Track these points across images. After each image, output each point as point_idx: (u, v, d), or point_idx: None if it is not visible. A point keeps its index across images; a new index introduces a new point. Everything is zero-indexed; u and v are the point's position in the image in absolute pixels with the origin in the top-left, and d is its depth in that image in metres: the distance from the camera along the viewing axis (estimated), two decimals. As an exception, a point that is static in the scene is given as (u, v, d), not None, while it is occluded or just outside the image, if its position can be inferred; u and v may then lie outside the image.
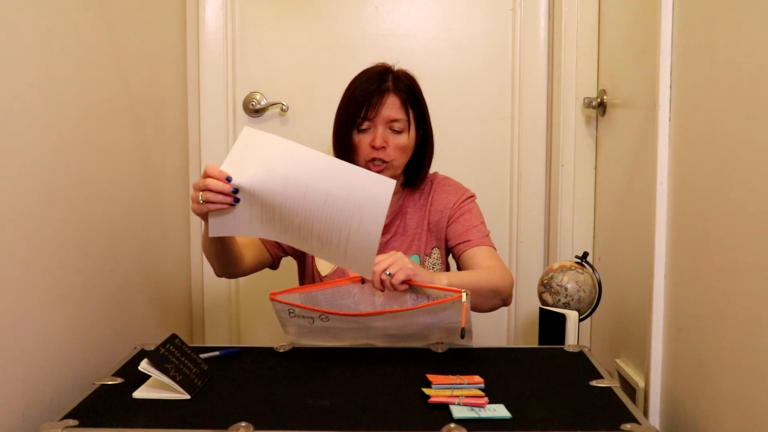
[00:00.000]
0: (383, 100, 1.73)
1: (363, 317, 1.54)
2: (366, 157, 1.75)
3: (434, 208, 1.84)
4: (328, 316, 1.55)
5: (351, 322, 1.55)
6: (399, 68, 1.80)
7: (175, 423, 1.21)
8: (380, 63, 1.81)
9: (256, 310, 2.46)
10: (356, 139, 1.75)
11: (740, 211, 1.25)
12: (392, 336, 1.60)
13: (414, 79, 1.80)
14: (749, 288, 1.22)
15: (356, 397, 1.33)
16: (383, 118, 1.73)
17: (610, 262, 2.13)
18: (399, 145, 1.74)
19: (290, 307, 1.55)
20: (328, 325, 1.57)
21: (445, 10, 2.40)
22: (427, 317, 1.53)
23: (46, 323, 1.45)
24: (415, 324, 1.55)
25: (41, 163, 1.43)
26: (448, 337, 1.59)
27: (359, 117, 1.74)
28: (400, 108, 1.74)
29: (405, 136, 1.75)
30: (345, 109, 1.77)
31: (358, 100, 1.74)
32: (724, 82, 1.33)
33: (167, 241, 2.20)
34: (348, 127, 1.75)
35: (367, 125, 1.74)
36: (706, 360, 1.39)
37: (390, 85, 1.75)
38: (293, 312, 1.56)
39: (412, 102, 1.77)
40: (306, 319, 1.56)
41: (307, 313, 1.55)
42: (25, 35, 1.37)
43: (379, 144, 1.72)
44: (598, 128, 2.28)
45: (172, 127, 2.25)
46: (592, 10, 2.26)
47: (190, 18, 2.34)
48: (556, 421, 1.22)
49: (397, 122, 1.74)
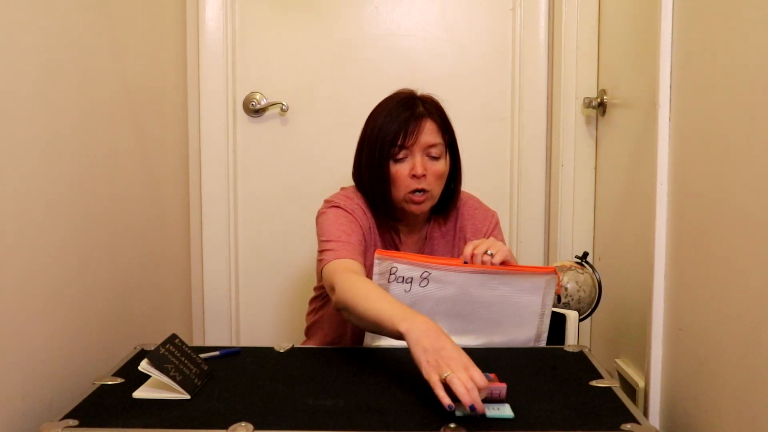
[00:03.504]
0: (420, 126, 1.64)
1: (463, 275, 1.53)
2: (406, 189, 1.66)
3: (462, 235, 1.79)
4: (429, 273, 1.52)
5: (450, 283, 1.54)
6: (422, 93, 1.72)
7: (175, 423, 1.21)
8: (403, 89, 1.73)
9: (256, 310, 2.47)
10: (393, 170, 1.66)
11: (740, 211, 1.25)
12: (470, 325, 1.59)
13: (440, 102, 1.73)
14: (749, 288, 1.22)
15: (356, 397, 1.33)
16: (421, 144, 1.64)
17: (610, 262, 2.13)
18: (437, 172, 1.67)
19: (395, 264, 1.53)
20: (424, 291, 1.54)
21: (445, 10, 2.40)
22: (514, 295, 1.56)
23: (47, 323, 1.45)
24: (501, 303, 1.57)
25: (41, 164, 1.43)
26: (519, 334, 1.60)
27: (395, 146, 1.64)
28: (436, 133, 1.67)
29: (442, 162, 1.68)
30: (376, 139, 1.66)
31: (393, 129, 1.64)
32: (724, 82, 1.33)
33: (167, 242, 2.20)
34: (383, 158, 1.65)
35: (404, 154, 1.65)
36: (706, 360, 1.39)
37: (423, 110, 1.66)
38: (395, 271, 1.53)
39: (446, 126, 1.70)
40: (404, 285, 1.54)
41: (409, 272, 1.53)
42: (25, 35, 1.37)
43: (420, 172, 1.63)
44: (598, 128, 2.28)
45: (172, 127, 2.25)
46: (592, 10, 2.26)
47: (190, 18, 2.34)
48: (556, 421, 1.22)
49: (435, 147, 1.66)
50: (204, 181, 2.40)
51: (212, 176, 2.40)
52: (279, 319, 2.45)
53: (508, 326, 1.60)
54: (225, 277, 2.43)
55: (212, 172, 2.40)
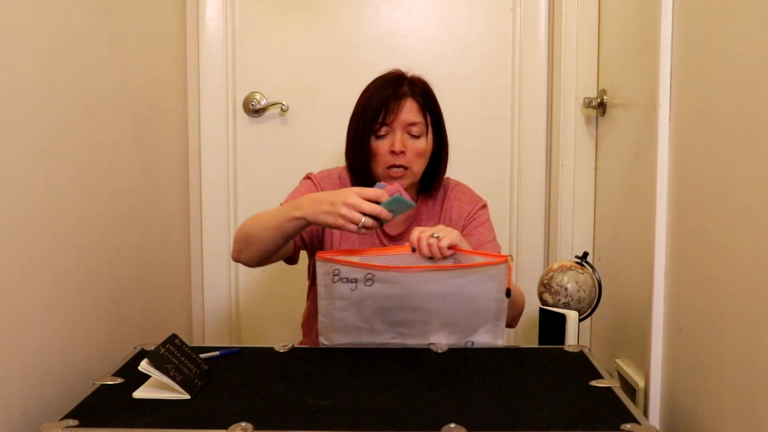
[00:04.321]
0: (401, 105, 1.71)
1: (407, 274, 1.52)
2: (385, 164, 1.72)
3: (448, 216, 1.82)
4: (373, 275, 1.52)
5: (395, 282, 1.53)
6: (413, 74, 1.78)
7: (175, 423, 1.21)
8: (394, 69, 1.78)
9: (256, 310, 2.47)
10: (374, 145, 1.72)
11: (740, 210, 1.25)
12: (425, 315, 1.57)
13: (429, 84, 1.78)
14: (749, 288, 1.22)
15: (356, 397, 1.33)
16: (401, 122, 1.71)
17: (610, 262, 2.13)
18: (418, 150, 1.72)
19: (336, 266, 1.52)
20: (371, 291, 1.54)
21: (445, 10, 2.40)
22: (467, 285, 1.53)
23: (46, 323, 1.45)
24: (454, 295, 1.54)
25: (41, 164, 1.43)
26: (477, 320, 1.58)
27: (377, 122, 1.71)
28: (417, 112, 1.72)
29: (423, 140, 1.73)
30: (361, 115, 1.74)
31: (375, 106, 1.71)
32: (724, 82, 1.33)
33: (167, 242, 2.20)
34: (365, 133, 1.72)
35: (385, 131, 1.72)
36: (706, 360, 1.39)
37: (407, 90, 1.73)
38: (338, 273, 1.53)
39: (429, 106, 1.75)
40: (349, 284, 1.53)
41: (352, 273, 1.52)
42: (25, 35, 1.37)
43: (398, 148, 1.70)
44: (598, 128, 2.28)
45: (172, 127, 2.25)
46: (592, 10, 2.26)
47: (190, 18, 2.34)
48: (556, 421, 1.22)
49: (416, 126, 1.71)
50: (204, 181, 2.40)
51: (212, 176, 2.40)
52: (279, 319, 2.45)
53: (464, 314, 1.58)
54: (225, 277, 2.43)
55: (212, 172, 2.40)
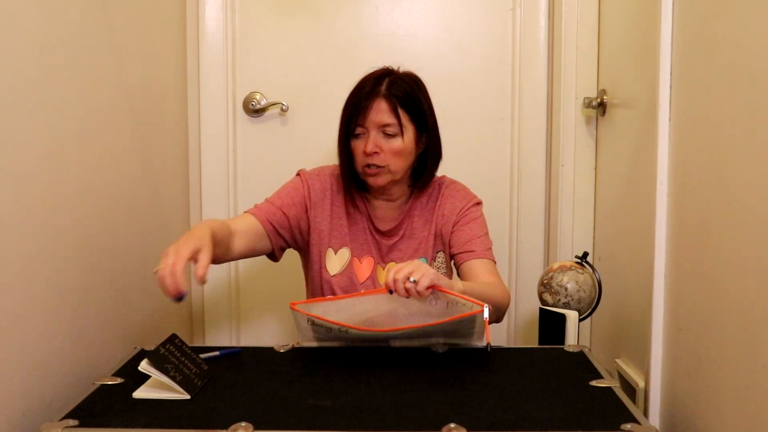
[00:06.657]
0: (371, 105, 1.72)
1: (384, 333, 1.54)
2: (361, 163, 1.75)
3: (440, 213, 1.83)
4: (347, 331, 1.54)
5: (371, 336, 1.55)
6: (403, 70, 1.78)
7: (175, 423, 1.21)
8: (383, 66, 1.79)
9: (256, 310, 2.47)
10: (352, 145, 1.76)
11: (740, 211, 1.25)
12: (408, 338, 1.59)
13: (415, 81, 1.78)
14: (749, 288, 1.22)
15: (356, 397, 1.33)
16: (373, 122, 1.72)
17: (610, 262, 2.13)
18: (393, 149, 1.73)
19: (310, 317, 1.54)
20: (348, 335, 1.56)
21: (445, 11, 2.40)
22: (446, 326, 1.52)
23: (46, 323, 1.45)
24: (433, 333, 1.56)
25: (41, 164, 1.43)
26: (464, 339, 1.59)
27: (352, 123, 1.74)
28: (389, 112, 1.72)
29: (399, 140, 1.73)
30: (342, 114, 1.77)
31: (351, 106, 1.75)
32: (724, 82, 1.33)
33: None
34: (345, 133, 1.76)
35: (361, 130, 1.74)
36: (706, 360, 1.39)
37: (381, 89, 1.73)
38: (313, 322, 1.54)
39: (406, 105, 1.74)
40: (325, 329, 1.55)
41: (327, 324, 1.53)
42: (25, 35, 1.37)
43: (369, 149, 1.72)
44: (598, 128, 2.28)
45: (172, 127, 2.25)
46: (592, 10, 2.26)
47: (190, 18, 2.34)
48: (556, 421, 1.22)
49: (389, 126, 1.73)
50: (204, 181, 2.40)
51: (212, 176, 2.40)
52: (279, 319, 2.45)
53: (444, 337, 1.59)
54: (225, 277, 2.43)
55: (212, 172, 2.40)
